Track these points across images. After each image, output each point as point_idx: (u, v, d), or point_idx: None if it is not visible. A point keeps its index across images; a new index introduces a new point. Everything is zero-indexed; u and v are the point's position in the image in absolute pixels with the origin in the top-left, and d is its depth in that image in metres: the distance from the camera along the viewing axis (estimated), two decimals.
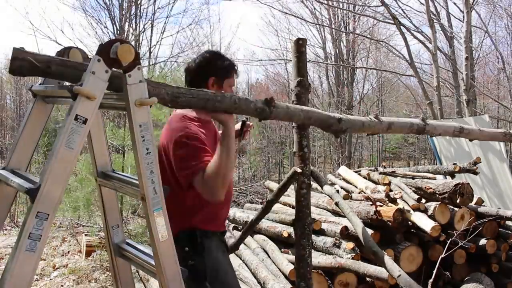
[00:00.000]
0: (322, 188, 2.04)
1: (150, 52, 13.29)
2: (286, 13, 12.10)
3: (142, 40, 13.22)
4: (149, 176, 1.31)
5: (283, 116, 1.75)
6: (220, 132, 1.84)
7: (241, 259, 3.48)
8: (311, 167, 2.09)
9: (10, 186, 1.35)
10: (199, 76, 1.94)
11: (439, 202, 3.30)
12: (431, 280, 2.77)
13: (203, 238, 1.83)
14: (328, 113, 1.96)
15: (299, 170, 1.99)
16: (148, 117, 1.32)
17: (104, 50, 1.24)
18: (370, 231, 3.09)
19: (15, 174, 1.40)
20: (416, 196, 3.34)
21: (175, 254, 1.38)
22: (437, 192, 3.33)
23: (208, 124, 1.92)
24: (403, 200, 3.38)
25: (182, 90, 1.46)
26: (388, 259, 1.84)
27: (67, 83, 1.34)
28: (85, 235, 5.68)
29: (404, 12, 9.62)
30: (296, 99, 2.07)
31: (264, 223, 3.71)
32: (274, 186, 4.31)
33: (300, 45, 2.08)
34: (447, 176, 4.24)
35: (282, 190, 2.20)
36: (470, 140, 2.86)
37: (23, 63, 1.18)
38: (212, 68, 1.93)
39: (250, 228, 2.41)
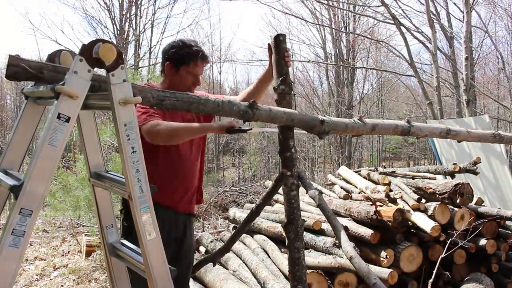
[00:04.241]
0: (307, 192, 2.02)
1: (150, 52, 13.33)
2: (286, 13, 12.10)
3: (142, 40, 13.26)
4: (135, 175, 1.32)
5: (265, 118, 1.79)
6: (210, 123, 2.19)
7: (241, 259, 3.49)
8: (298, 169, 2.06)
9: (2, 186, 1.36)
10: (162, 60, 2.22)
11: (439, 202, 3.30)
12: (431, 280, 2.78)
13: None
14: (310, 115, 1.97)
15: (288, 173, 1.97)
16: (133, 116, 1.33)
17: (86, 50, 1.27)
18: (370, 231, 3.10)
19: (7, 174, 1.41)
20: (416, 196, 3.35)
21: (163, 253, 1.39)
22: (437, 192, 3.34)
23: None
24: (403, 200, 3.39)
25: (167, 94, 1.52)
26: (364, 266, 1.83)
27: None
28: (85, 235, 5.67)
29: (404, 12, 9.63)
30: (280, 99, 2.01)
31: (264, 223, 3.72)
32: None
33: (280, 41, 2.02)
34: (447, 176, 4.25)
35: (271, 193, 2.17)
36: (459, 141, 2.84)
37: (17, 69, 1.27)
38: (170, 55, 2.18)
39: (240, 232, 2.39)
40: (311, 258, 3.09)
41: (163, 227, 2.09)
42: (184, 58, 2.16)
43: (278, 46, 2.02)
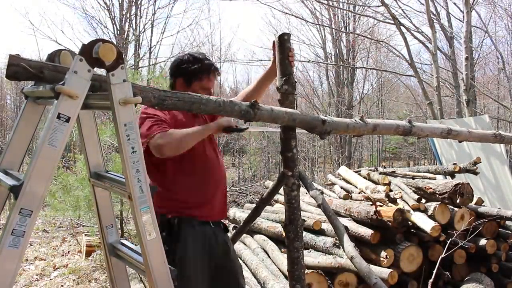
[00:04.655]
0: (308, 192, 2.01)
1: (150, 52, 13.32)
2: (286, 13, 12.10)
3: (142, 40, 13.25)
4: (135, 175, 1.32)
5: (267, 118, 1.79)
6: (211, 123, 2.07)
7: (241, 259, 3.49)
8: (299, 169, 2.05)
9: (2, 186, 1.36)
10: (171, 76, 2.16)
11: (439, 202, 3.30)
12: (431, 280, 2.77)
13: (180, 224, 1.93)
14: (312, 115, 1.96)
15: (289, 173, 1.97)
16: (133, 116, 1.33)
17: (86, 50, 1.27)
18: (370, 231, 3.10)
19: (7, 174, 1.41)
20: (416, 196, 3.34)
21: (163, 253, 1.38)
22: (437, 192, 3.33)
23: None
24: (403, 200, 3.38)
25: (169, 94, 1.52)
26: (365, 266, 1.83)
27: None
28: (85, 235, 5.67)
29: (404, 12, 9.63)
30: (283, 99, 2.00)
31: (264, 223, 3.72)
32: None
33: (285, 40, 2.01)
34: (447, 176, 4.25)
35: (272, 193, 2.16)
36: (460, 142, 2.84)
37: (18, 69, 1.27)
38: (182, 70, 2.11)
39: (240, 232, 2.39)
40: (311, 258, 3.09)
41: (204, 241, 1.99)
42: (197, 74, 2.09)
43: (283, 45, 2.01)
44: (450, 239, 3.07)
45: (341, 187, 4.20)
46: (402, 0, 11.18)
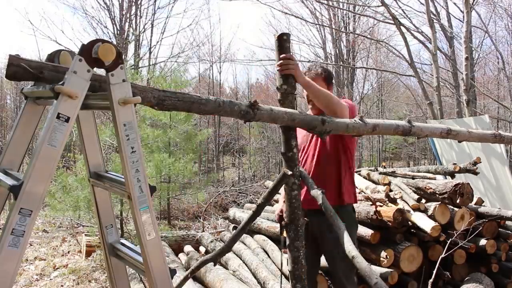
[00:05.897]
0: (309, 192, 2.02)
1: (150, 52, 13.32)
2: (286, 13, 12.09)
3: (142, 40, 13.26)
4: (134, 175, 1.32)
5: (267, 118, 1.79)
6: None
7: (241, 259, 3.49)
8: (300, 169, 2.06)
9: (2, 186, 1.36)
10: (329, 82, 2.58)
11: (439, 202, 3.30)
12: (431, 280, 2.77)
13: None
14: (311, 115, 1.96)
15: (289, 172, 1.97)
16: (133, 116, 1.33)
17: (86, 50, 1.27)
18: (370, 231, 3.10)
19: (7, 174, 1.41)
20: (416, 196, 3.34)
21: (163, 253, 1.38)
22: (437, 192, 3.33)
23: None
24: (403, 200, 3.38)
25: (168, 94, 1.51)
26: (366, 266, 1.83)
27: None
28: (85, 235, 5.66)
29: (404, 12, 9.64)
30: (282, 99, 2.00)
31: (264, 223, 3.72)
32: None
33: (284, 40, 2.00)
34: (447, 177, 4.24)
35: (272, 192, 2.15)
36: (459, 142, 2.83)
37: (17, 69, 1.27)
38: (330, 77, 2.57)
39: (241, 232, 2.38)
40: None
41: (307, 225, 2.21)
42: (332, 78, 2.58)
43: (282, 45, 2.01)
44: (450, 239, 3.07)
45: None
46: (402, 0, 11.20)
